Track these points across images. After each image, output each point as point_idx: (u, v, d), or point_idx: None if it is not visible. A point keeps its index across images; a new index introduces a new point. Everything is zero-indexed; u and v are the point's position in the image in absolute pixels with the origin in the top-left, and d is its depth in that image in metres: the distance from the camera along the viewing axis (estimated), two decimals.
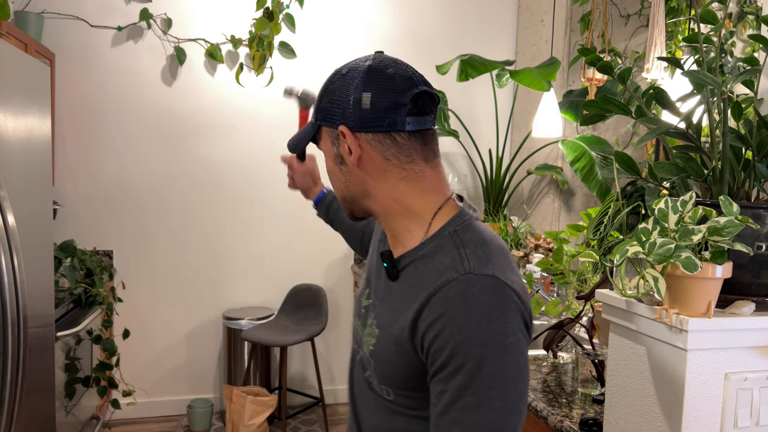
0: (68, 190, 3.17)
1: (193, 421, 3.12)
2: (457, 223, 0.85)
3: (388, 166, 0.85)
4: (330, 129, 0.87)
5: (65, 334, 2.17)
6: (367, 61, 0.86)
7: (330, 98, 0.86)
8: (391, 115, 0.82)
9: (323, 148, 0.91)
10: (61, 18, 3.09)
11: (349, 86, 0.84)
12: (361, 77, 0.84)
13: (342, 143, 0.85)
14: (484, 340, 0.73)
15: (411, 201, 0.86)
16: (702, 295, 0.94)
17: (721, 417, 0.98)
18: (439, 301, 0.76)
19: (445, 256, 0.81)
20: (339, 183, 0.90)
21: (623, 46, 3.16)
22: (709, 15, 1.10)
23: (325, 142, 0.89)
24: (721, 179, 1.07)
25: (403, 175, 0.85)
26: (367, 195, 0.88)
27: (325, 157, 0.91)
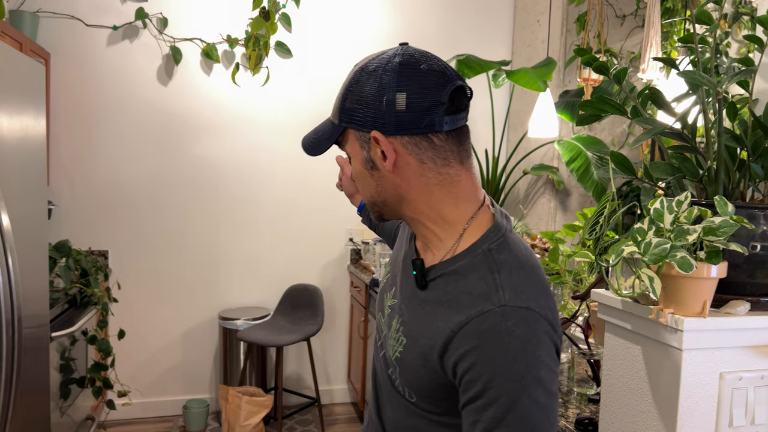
0: (63, 190, 3.16)
1: (189, 421, 3.11)
2: (492, 239, 0.81)
3: (424, 171, 0.80)
4: (359, 132, 0.81)
5: (60, 335, 2.16)
6: (396, 57, 0.80)
7: (356, 98, 0.80)
8: (429, 115, 0.77)
9: (349, 151, 0.84)
10: (56, 17, 3.08)
11: (380, 85, 0.78)
12: (392, 75, 0.78)
13: (374, 147, 0.80)
14: (519, 374, 0.72)
15: (445, 209, 0.82)
16: (697, 295, 0.94)
17: (716, 416, 0.98)
18: (473, 332, 0.74)
19: (479, 279, 0.78)
20: (369, 188, 0.85)
21: (619, 47, 3.17)
22: (704, 15, 1.11)
23: (352, 144, 0.83)
24: (716, 179, 1.07)
25: (439, 180, 0.81)
26: (401, 201, 0.83)
27: (351, 160, 0.85)
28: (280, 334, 3.02)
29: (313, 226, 3.53)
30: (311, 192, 3.50)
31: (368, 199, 0.86)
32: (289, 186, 3.47)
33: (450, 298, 0.79)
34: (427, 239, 0.86)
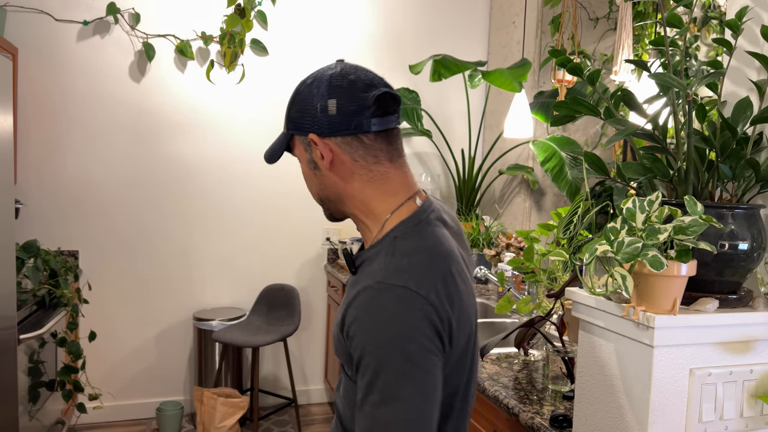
0: (32, 189, 3.08)
1: (163, 424, 3.06)
2: (402, 229, 0.90)
3: (356, 168, 0.91)
4: (301, 137, 0.92)
5: (28, 337, 2.10)
6: (330, 70, 0.91)
7: (298, 107, 0.92)
8: (357, 118, 0.88)
9: (297, 155, 0.96)
10: (24, 11, 2.99)
11: (315, 95, 0.89)
12: (325, 85, 0.89)
13: (314, 149, 0.91)
14: (386, 345, 0.80)
15: (373, 204, 0.93)
16: (668, 293, 0.96)
17: (686, 411, 1.00)
18: (356, 305, 0.84)
19: (378, 261, 0.88)
20: (315, 187, 0.96)
21: (592, 49, 3.22)
22: (674, 19, 1.13)
23: (299, 149, 0.94)
24: (686, 179, 1.09)
25: (369, 177, 0.92)
26: (340, 197, 0.94)
27: (300, 163, 0.97)
28: (256, 334, 2.99)
29: (290, 225, 3.51)
30: (288, 191, 3.47)
31: (316, 197, 0.98)
32: (265, 185, 3.44)
33: (359, 279, 0.89)
34: (362, 231, 0.97)
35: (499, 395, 1.48)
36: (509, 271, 2.49)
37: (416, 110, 3.39)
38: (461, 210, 3.49)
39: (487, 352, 1.55)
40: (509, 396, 1.47)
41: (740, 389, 1.03)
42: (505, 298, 1.75)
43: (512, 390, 1.51)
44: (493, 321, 2.32)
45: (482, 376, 1.61)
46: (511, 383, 1.56)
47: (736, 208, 1.03)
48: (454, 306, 0.85)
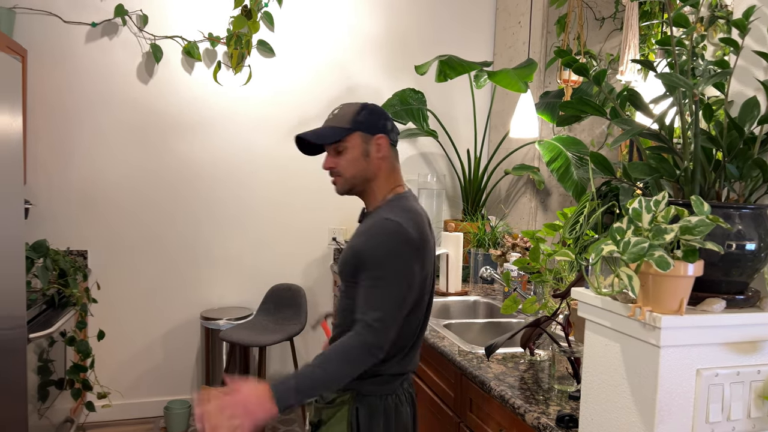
0: (41, 189, 3.10)
1: (171, 422, 3.08)
2: (396, 197, 1.46)
3: (386, 163, 1.47)
4: (365, 135, 1.43)
5: (38, 336, 2.12)
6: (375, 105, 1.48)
7: (367, 117, 1.43)
8: (396, 135, 1.50)
9: (349, 146, 1.42)
10: (33, 13, 3.02)
11: (381, 113, 1.46)
12: (383, 111, 1.47)
13: (373, 144, 1.44)
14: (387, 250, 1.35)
15: (386, 184, 1.48)
16: (674, 293, 0.96)
17: (693, 412, 1.00)
18: (367, 230, 1.40)
19: (381, 211, 1.42)
20: (357, 170, 1.44)
21: (598, 49, 3.21)
22: (681, 19, 1.13)
23: (354, 141, 1.42)
24: (693, 179, 1.09)
25: (389, 169, 1.48)
26: (369, 178, 1.45)
27: (346, 152, 1.43)
28: (263, 333, 3.00)
29: (296, 225, 3.52)
30: (294, 191, 3.49)
31: (351, 177, 1.44)
32: (271, 185, 3.46)
33: (368, 223, 1.43)
34: (369, 200, 1.48)
35: (505, 395, 1.48)
36: (515, 271, 2.49)
37: (422, 111, 3.39)
38: (467, 210, 3.49)
39: (493, 351, 1.55)
40: (515, 396, 1.47)
41: (747, 390, 1.03)
42: (510, 298, 1.75)
43: (518, 390, 1.51)
44: (499, 321, 2.32)
45: (488, 376, 1.61)
46: (517, 383, 1.57)
47: (744, 208, 1.03)
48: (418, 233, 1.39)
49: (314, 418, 1.46)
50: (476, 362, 1.74)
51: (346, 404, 1.41)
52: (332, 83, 3.50)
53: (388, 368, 1.42)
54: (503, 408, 1.52)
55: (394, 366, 1.43)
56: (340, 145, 1.42)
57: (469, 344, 1.90)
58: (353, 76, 3.54)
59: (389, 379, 1.43)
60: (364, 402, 1.41)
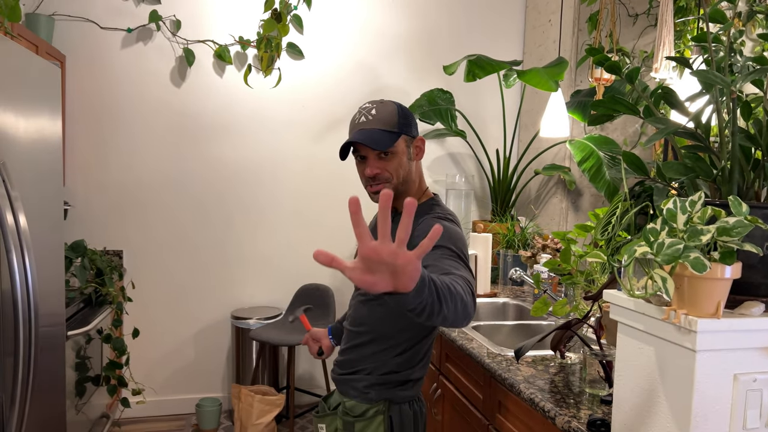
0: (79, 191, 3.20)
1: (202, 419, 3.14)
2: (434, 201, 1.49)
3: (420, 165, 1.50)
4: (408, 137, 1.42)
5: (76, 333, 2.19)
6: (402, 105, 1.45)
7: (404, 120, 1.40)
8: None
9: (396, 150, 1.39)
10: (71, 20, 3.12)
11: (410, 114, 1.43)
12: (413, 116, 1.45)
13: (414, 147, 1.44)
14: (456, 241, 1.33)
15: (422, 186, 1.50)
16: (711, 296, 0.93)
17: (729, 418, 0.97)
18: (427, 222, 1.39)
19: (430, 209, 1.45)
20: (403, 171, 1.41)
21: (631, 46, 3.14)
22: (717, 14, 1.10)
23: (399, 145, 1.40)
24: (731, 179, 1.06)
25: (419, 170, 1.50)
26: (411, 179, 1.44)
27: (394, 157, 1.39)
28: (292, 333, 3.03)
29: (325, 225, 3.55)
30: (322, 192, 3.51)
31: (399, 179, 1.41)
32: (300, 186, 3.49)
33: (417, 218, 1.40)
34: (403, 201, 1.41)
35: (535, 398, 1.47)
36: (545, 272, 2.45)
37: (450, 111, 3.38)
38: (496, 211, 3.46)
39: (523, 354, 1.53)
40: (545, 399, 1.45)
41: None
42: (541, 300, 1.73)
43: (548, 393, 1.49)
44: (529, 323, 2.29)
45: (517, 378, 1.60)
46: (548, 386, 1.55)
47: None
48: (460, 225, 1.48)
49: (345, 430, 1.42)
50: (505, 365, 1.72)
51: (380, 414, 1.40)
52: (360, 84, 3.52)
53: (414, 372, 1.45)
54: (533, 411, 1.50)
55: (419, 370, 1.47)
56: (390, 150, 1.38)
57: (498, 346, 1.89)
58: (381, 76, 3.55)
59: (414, 383, 1.47)
60: (396, 410, 1.42)
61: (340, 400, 1.49)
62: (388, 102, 1.42)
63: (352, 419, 1.42)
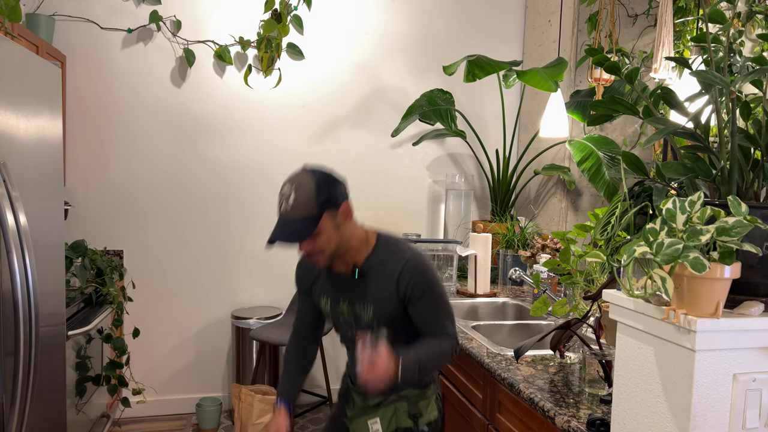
0: (79, 191, 3.20)
1: (202, 419, 3.14)
2: (383, 238, 1.57)
3: (352, 220, 1.50)
4: (332, 210, 1.42)
5: (76, 333, 2.19)
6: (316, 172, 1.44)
7: (326, 191, 1.41)
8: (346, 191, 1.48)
9: (322, 228, 1.42)
10: (71, 20, 3.12)
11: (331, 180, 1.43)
12: (330, 173, 1.45)
13: (340, 214, 1.44)
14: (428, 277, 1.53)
15: (359, 233, 1.54)
16: (710, 296, 0.94)
17: (729, 418, 0.98)
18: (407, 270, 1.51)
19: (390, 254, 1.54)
20: (334, 242, 1.46)
21: (631, 46, 3.15)
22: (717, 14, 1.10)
23: (326, 222, 1.42)
24: (730, 179, 1.06)
25: (357, 231, 1.53)
26: (347, 240, 1.50)
27: (321, 234, 1.42)
28: None
29: None
30: None
31: (330, 252, 1.47)
32: None
33: (386, 267, 1.53)
34: (354, 256, 1.54)
35: (534, 397, 1.47)
36: (545, 272, 2.46)
37: (450, 111, 3.38)
38: (496, 210, 3.46)
39: (523, 353, 1.54)
40: (545, 398, 1.45)
41: None
42: (540, 300, 1.73)
43: (548, 392, 1.50)
44: (528, 323, 2.29)
45: (517, 378, 1.60)
46: (547, 386, 1.55)
47: None
48: None
49: (412, 411, 1.63)
50: (505, 364, 1.72)
51: (434, 393, 1.66)
52: (360, 84, 3.52)
53: None
54: (532, 411, 1.51)
55: None
56: (314, 233, 1.42)
57: (498, 346, 1.89)
58: (381, 77, 3.55)
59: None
60: (438, 390, 1.69)
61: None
62: (306, 180, 1.40)
63: (415, 399, 1.62)
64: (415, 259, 1.52)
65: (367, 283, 1.54)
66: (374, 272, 1.53)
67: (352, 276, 1.56)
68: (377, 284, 1.53)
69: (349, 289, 1.58)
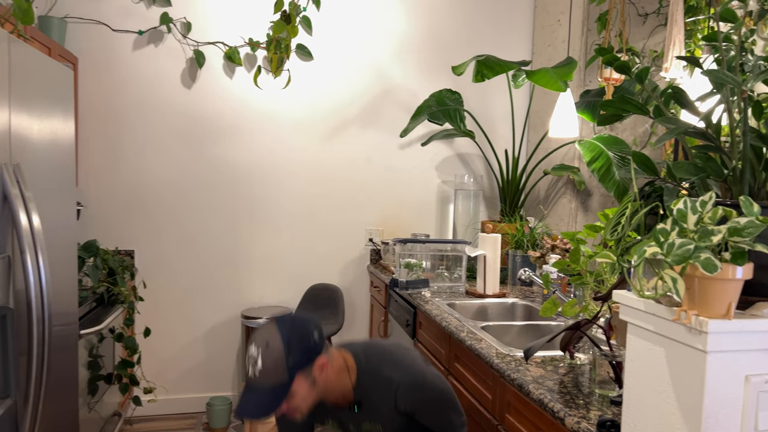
0: (91, 191, 3.23)
1: (212, 418, 3.16)
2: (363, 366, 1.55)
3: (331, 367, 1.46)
4: (307, 370, 1.37)
5: (88, 332, 2.21)
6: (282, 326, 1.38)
7: (298, 352, 1.34)
8: (323, 334, 1.44)
9: (295, 390, 1.35)
10: (83, 22, 3.15)
11: (304, 335, 1.37)
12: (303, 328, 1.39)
13: (315, 369, 1.39)
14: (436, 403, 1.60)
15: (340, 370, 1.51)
16: (722, 297, 0.93)
17: (741, 420, 0.97)
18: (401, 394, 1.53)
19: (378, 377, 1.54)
20: (311, 399, 1.40)
21: (641, 45, 3.13)
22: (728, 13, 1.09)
23: (299, 384, 1.35)
24: (742, 179, 1.06)
25: (334, 367, 1.48)
26: (329, 389, 1.46)
27: (295, 395, 1.36)
28: None
29: (334, 226, 3.56)
30: (331, 193, 3.52)
31: (309, 407, 1.41)
32: (310, 187, 3.50)
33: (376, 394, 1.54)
34: (340, 396, 1.52)
35: (544, 398, 1.47)
36: (554, 273, 2.45)
37: (459, 111, 3.38)
38: (505, 211, 3.45)
39: (532, 354, 1.53)
40: (554, 399, 1.45)
41: None
42: (550, 301, 1.72)
43: (558, 393, 1.49)
44: (538, 323, 2.29)
45: (527, 379, 1.60)
46: (557, 387, 1.54)
47: None
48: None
49: None
50: (514, 365, 1.72)
51: None
52: (369, 85, 3.53)
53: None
54: (542, 412, 1.50)
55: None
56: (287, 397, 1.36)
57: (507, 347, 1.89)
58: (390, 77, 3.55)
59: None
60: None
61: None
62: (273, 342, 1.33)
63: None
64: (406, 381, 1.52)
65: (367, 410, 1.56)
66: (370, 399, 1.54)
67: (351, 410, 1.57)
68: (377, 410, 1.55)
69: (351, 417, 1.60)
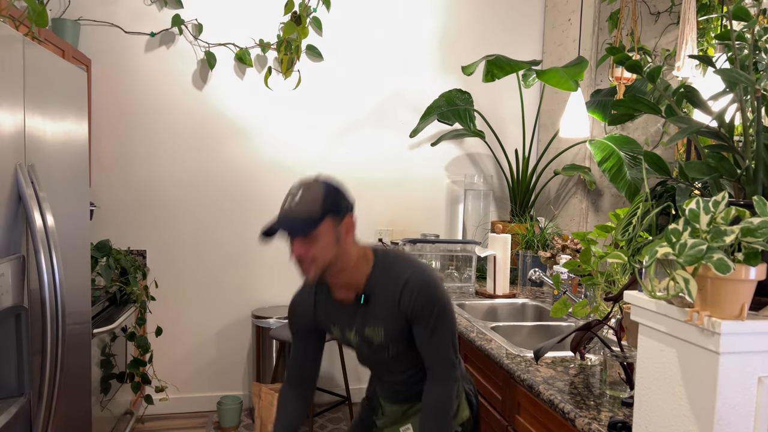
0: (104, 192, 3.27)
1: (223, 417, 3.18)
2: (381, 255, 1.51)
3: (353, 237, 1.45)
4: (335, 219, 1.37)
5: (101, 331, 2.23)
6: (325, 178, 1.41)
7: (332, 200, 1.37)
8: (352, 203, 1.44)
9: (320, 233, 1.36)
10: (96, 25, 3.18)
11: (338, 191, 1.39)
12: (339, 185, 1.41)
13: (342, 226, 1.40)
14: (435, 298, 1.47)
15: (357, 251, 1.47)
16: (735, 298, 0.92)
17: (754, 422, 0.96)
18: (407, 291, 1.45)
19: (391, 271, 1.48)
20: (330, 253, 1.38)
21: (653, 44, 3.11)
22: (741, 12, 1.08)
23: (326, 228, 1.36)
24: (755, 179, 1.05)
25: (355, 250, 1.46)
26: (345, 257, 1.42)
27: (319, 240, 1.36)
28: None
29: None
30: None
31: (325, 263, 1.39)
32: None
33: (385, 287, 1.48)
34: (353, 274, 1.47)
35: (554, 399, 1.46)
36: (565, 273, 2.44)
37: (469, 111, 3.37)
38: (515, 211, 3.44)
39: (542, 354, 1.53)
40: (565, 400, 1.44)
41: None
42: (560, 301, 1.72)
43: (568, 394, 1.49)
44: (548, 324, 2.28)
45: (537, 380, 1.59)
46: (567, 387, 1.54)
47: None
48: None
49: None
50: (524, 365, 1.71)
51: (464, 391, 1.65)
52: (379, 86, 3.53)
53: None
54: (552, 413, 1.50)
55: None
56: (312, 234, 1.36)
57: (517, 347, 1.88)
58: (400, 77, 3.55)
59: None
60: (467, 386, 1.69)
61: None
62: (316, 184, 1.38)
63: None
64: (415, 278, 1.45)
65: (372, 307, 1.49)
66: (377, 295, 1.48)
67: (357, 302, 1.50)
68: (382, 307, 1.48)
69: (355, 316, 1.53)
